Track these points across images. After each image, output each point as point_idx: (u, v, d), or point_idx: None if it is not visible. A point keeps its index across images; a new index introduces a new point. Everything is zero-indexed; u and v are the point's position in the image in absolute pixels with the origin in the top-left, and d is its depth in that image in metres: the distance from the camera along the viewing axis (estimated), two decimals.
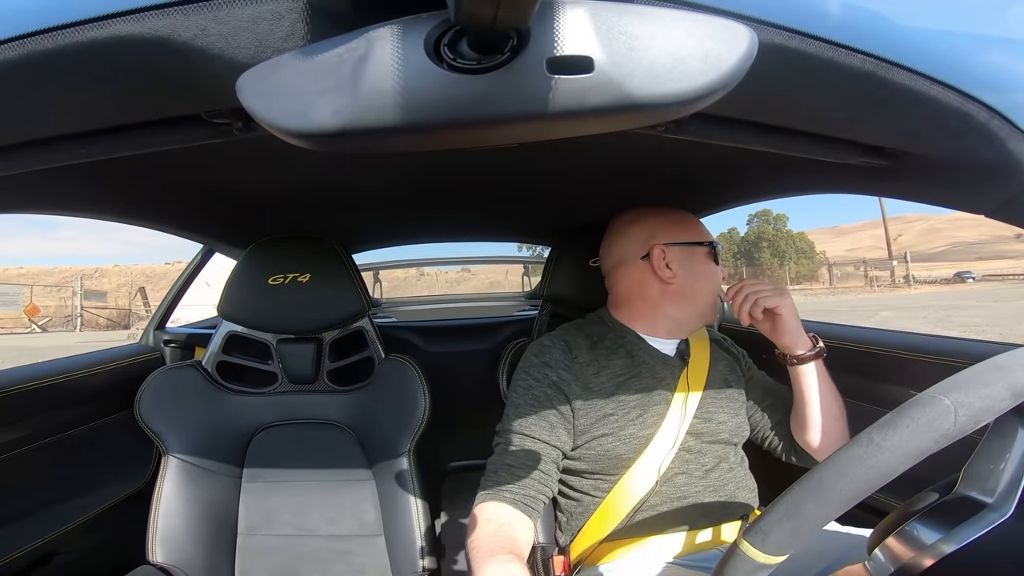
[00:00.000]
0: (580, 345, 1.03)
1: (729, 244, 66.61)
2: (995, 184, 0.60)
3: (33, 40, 0.39)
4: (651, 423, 0.96)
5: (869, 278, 36.08)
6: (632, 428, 0.95)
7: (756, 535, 0.43)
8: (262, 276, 1.21)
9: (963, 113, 0.49)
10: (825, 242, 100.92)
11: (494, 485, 0.91)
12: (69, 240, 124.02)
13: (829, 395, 0.96)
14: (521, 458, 0.94)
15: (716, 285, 1.06)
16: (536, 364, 1.01)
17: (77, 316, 21.86)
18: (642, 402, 0.97)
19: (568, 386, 0.98)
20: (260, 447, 1.26)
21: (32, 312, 21.44)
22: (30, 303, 22.15)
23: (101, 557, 1.25)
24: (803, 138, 0.63)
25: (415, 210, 1.39)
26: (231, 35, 0.39)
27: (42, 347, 2.18)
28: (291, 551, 1.19)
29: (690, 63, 0.33)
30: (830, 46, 0.43)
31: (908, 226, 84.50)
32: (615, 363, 1.01)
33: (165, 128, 0.54)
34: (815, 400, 0.95)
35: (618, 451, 0.95)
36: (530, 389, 0.99)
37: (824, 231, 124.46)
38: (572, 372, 1.00)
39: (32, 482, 1.16)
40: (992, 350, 0.98)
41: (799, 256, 56.31)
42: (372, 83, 0.32)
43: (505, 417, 1.00)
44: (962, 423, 0.39)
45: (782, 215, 63.43)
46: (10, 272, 42.08)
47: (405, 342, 1.95)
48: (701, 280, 1.04)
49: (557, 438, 0.95)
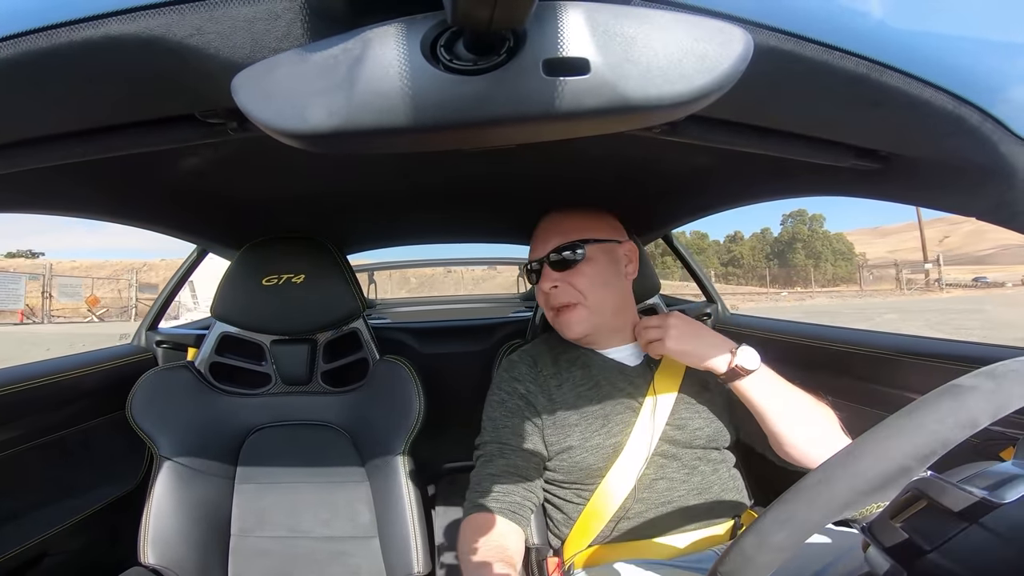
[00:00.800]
0: (545, 359, 1.07)
1: (762, 245, 66.62)
2: (988, 187, 0.60)
3: (28, 39, 0.39)
4: (617, 432, 0.96)
5: (900, 281, 35.86)
6: (598, 438, 0.96)
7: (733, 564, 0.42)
8: (256, 277, 1.20)
9: (956, 116, 0.49)
10: (866, 243, 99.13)
11: (479, 496, 0.94)
12: (116, 235, 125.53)
13: (783, 406, 0.89)
14: (502, 467, 0.96)
15: (542, 303, 1.07)
16: (506, 379, 1.06)
17: (132, 307, 23.09)
18: (605, 411, 0.98)
19: (535, 398, 1.01)
20: (253, 448, 1.25)
21: (93, 303, 22.82)
22: (91, 294, 23.71)
23: (92, 558, 1.24)
24: (797, 140, 0.64)
25: (410, 211, 1.39)
26: (227, 35, 0.39)
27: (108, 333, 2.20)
28: (285, 553, 1.19)
29: (685, 65, 0.33)
30: (824, 49, 0.43)
31: (955, 227, 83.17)
32: (574, 374, 1.03)
33: (160, 128, 0.54)
34: (766, 415, 0.89)
35: (587, 461, 0.96)
36: (503, 403, 1.03)
37: (865, 232, 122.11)
38: (538, 384, 1.03)
39: (23, 483, 1.15)
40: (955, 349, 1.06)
41: (836, 257, 56.17)
42: (368, 84, 0.32)
43: (483, 430, 1.03)
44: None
45: (818, 215, 63.28)
46: (64, 265, 43.16)
47: (399, 343, 1.95)
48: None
49: (534, 445, 0.98)
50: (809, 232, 60.71)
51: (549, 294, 1.02)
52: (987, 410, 0.38)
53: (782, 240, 63.87)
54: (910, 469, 0.39)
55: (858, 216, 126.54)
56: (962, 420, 0.38)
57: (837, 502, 0.39)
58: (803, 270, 51.01)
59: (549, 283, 1.02)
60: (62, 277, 25.28)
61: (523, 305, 2.93)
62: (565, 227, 1.04)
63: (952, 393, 0.40)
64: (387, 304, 3.45)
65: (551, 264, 1.02)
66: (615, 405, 0.99)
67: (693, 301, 2.03)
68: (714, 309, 1.92)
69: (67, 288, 23.59)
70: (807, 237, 59.97)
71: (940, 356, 1.07)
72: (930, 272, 37.83)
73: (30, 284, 20.84)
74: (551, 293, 1.02)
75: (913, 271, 40.78)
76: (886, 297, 27.96)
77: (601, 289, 1.01)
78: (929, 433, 0.39)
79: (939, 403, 0.40)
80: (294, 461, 1.24)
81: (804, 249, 58.99)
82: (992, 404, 0.38)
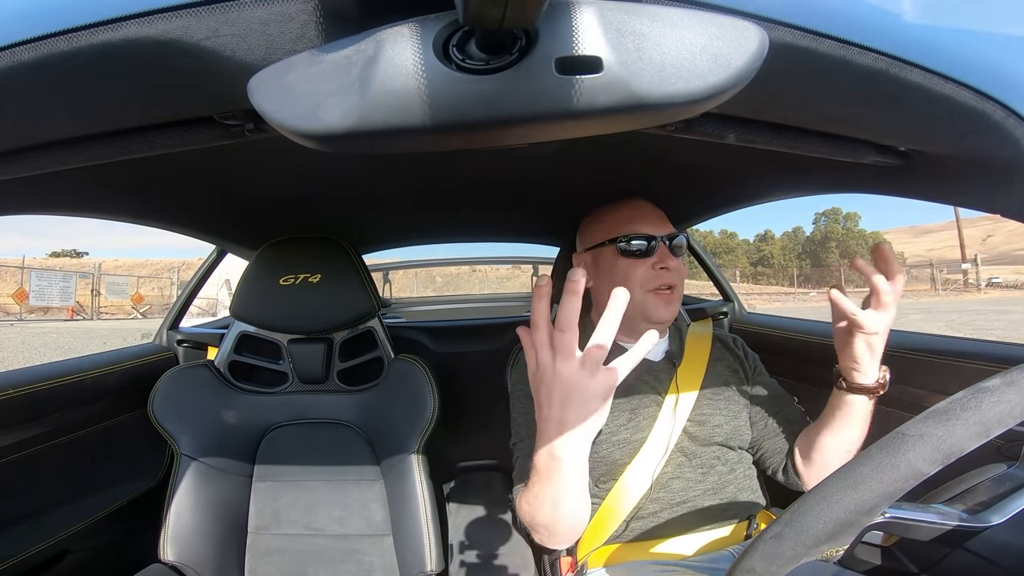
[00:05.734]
0: None
1: (793, 244, 65.59)
2: (1012, 183, 0.59)
3: (48, 43, 0.39)
4: (644, 426, 0.96)
5: (935, 281, 34.82)
6: (625, 432, 0.95)
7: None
8: (273, 276, 1.22)
9: (978, 111, 0.48)
10: (904, 242, 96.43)
11: (520, 483, 0.89)
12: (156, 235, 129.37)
13: (860, 433, 0.88)
14: None
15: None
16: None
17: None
18: (632, 405, 0.97)
19: None
20: (271, 446, 1.26)
21: (137, 300, 23.64)
22: (136, 292, 24.66)
23: (113, 555, 1.26)
24: (815, 137, 0.63)
25: (424, 211, 1.40)
26: (242, 37, 0.39)
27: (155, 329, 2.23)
28: (300, 550, 1.20)
29: (699, 63, 0.33)
30: (842, 45, 0.42)
31: (999, 225, 79.81)
32: None
33: (178, 130, 0.55)
34: (846, 434, 0.87)
35: (613, 456, 0.95)
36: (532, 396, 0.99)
37: (903, 230, 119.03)
38: None
39: (46, 480, 1.17)
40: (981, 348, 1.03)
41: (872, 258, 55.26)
42: (381, 84, 0.32)
43: (517, 428, 0.99)
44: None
45: (853, 213, 61.85)
46: (107, 264, 44.67)
47: (414, 342, 1.96)
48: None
49: None
50: (843, 231, 59.43)
51: (659, 274, 0.98)
52: (931, 459, 0.37)
53: (814, 239, 62.67)
54: (857, 523, 0.38)
55: (896, 214, 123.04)
56: (903, 474, 0.37)
57: (787, 556, 0.38)
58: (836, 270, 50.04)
59: (670, 263, 0.99)
60: (110, 275, 26.08)
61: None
62: (665, 219, 1.04)
63: (893, 445, 0.39)
64: (401, 303, 3.47)
65: (669, 248, 1.00)
66: (641, 399, 0.98)
67: (710, 300, 2.01)
68: (731, 308, 1.90)
69: (114, 286, 24.41)
70: (841, 236, 58.70)
71: (960, 355, 1.05)
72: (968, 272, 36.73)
73: (79, 282, 21.59)
74: (663, 273, 0.98)
75: (951, 271, 39.63)
76: (919, 298, 27.12)
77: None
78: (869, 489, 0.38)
79: (880, 456, 0.39)
80: (310, 459, 1.25)
81: (838, 248, 57.80)
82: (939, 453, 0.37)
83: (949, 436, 0.37)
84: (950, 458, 0.37)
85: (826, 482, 0.40)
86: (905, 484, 0.37)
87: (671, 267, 0.99)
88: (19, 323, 16.98)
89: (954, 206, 0.75)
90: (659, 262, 0.99)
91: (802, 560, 0.38)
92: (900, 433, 0.39)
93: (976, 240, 75.94)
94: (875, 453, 0.39)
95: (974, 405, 0.37)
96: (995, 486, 0.46)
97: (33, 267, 22.08)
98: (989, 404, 0.37)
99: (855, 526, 0.38)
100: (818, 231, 63.08)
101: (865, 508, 0.37)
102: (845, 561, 0.44)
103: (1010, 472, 0.47)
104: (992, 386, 0.38)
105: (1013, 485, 0.45)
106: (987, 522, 0.40)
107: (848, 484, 0.38)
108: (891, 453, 0.38)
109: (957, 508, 0.43)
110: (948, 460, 0.37)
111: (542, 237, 1.91)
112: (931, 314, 15.90)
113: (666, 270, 0.98)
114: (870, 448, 0.40)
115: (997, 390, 0.37)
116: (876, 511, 0.38)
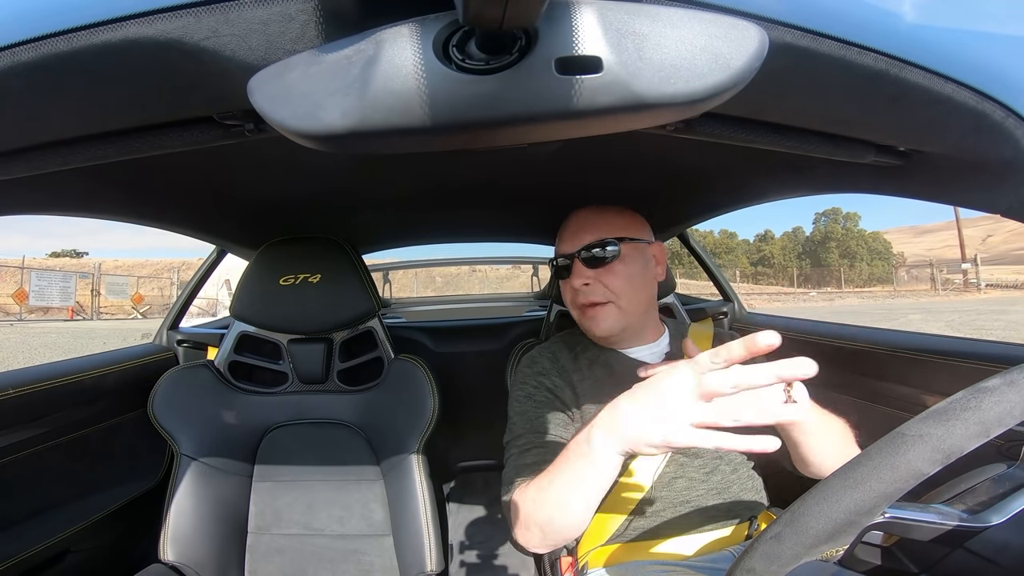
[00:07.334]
0: (565, 357, 1.06)
1: (793, 244, 65.49)
2: (1012, 183, 0.59)
3: (47, 43, 0.39)
4: None
5: (935, 281, 34.64)
6: None
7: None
8: (273, 277, 1.22)
9: (978, 112, 0.48)
10: (904, 242, 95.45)
11: (517, 477, 0.88)
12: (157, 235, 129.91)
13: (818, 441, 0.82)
14: (540, 455, 0.92)
15: (568, 302, 1.06)
16: (530, 374, 1.04)
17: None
18: None
19: (562, 392, 1.00)
20: (271, 446, 1.26)
21: (137, 300, 23.61)
22: (136, 292, 24.63)
23: (113, 555, 1.26)
24: (815, 137, 0.63)
25: (425, 211, 1.40)
26: (242, 37, 0.39)
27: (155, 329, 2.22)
28: (300, 550, 1.20)
29: (699, 63, 0.33)
30: (842, 45, 0.42)
31: (999, 225, 79.03)
32: (597, 373, 1.02)
33: (179, 129, 0.55)
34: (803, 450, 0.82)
35: None
36: (531, 396, 1.00)
37: (904, 230, 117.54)
38: (562, 378, 1.02)
39: (46, 480, 1.17)
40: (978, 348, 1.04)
41: (872, 257, 54.61)
42: (381, 84, 0.32)
43: (513, 425, 0.99)
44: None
45: (853, 213, 61.42)
46: (107, 264, 44.73)
47: (414, 342, 1.96)
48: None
49: (568, 433, 0.95)
50: (843, 231, 59.21)
51: (579, 291, 1.00)
52: (931, 459, 0.37)
53: (814, 239, 62.39)
54: (857, 523, 0.38)
55: (897, 214, 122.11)
56: (903, 474, 0.37)
57: (787, 556, 0.38)
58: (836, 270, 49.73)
59: (581, 280, 0.99)
60: (110, 276, 26.06)
61: (536, 304, 2.92)
62: (597, 224, 1.02)
63: (893, 445, 0.39)
64: (401, 303, 3.47)
65: (583, 261, 1.00)
66: None
67: (710, 300, 2.01)
68: (731, 308, 1.90)
69: (115, 286, 24.41)
70: (841, 236, 58.45)
71: (960, 355, 1.05)
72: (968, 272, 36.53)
73: (79, 282, 21.58)
74: (581, 290, 1.00)
75: (951, 271, 39.39)
76: (919, 298, 26.98)
77: (632, 289, 0.99)
78: (869, 489, 0.38)
79: (880, 456, 0.39)
80: (310, 459, 1.25)
81: (838, 248, 57.61)
82: (939, 453, 0.37)
83: (949, 436, 0.37)
84: (950, 458, 0.37)
85: (826, 482, 0.40)
86: (905, 484, 0.37)
87: (584, 285, 0.99)
88: (19, 323, 16.96)
89: (954, 206, 0.74)
90: (574, 279, 1.01)
91: (802, 560, 0.38)
92: (900, 433, 0.39)
93: (976, 240, 75.63)
94: (875, 453, 0.39)
95: (974, 405, 0.37)
96: (995, 486, 0.46)
97: (33, 267, 22.04)
98: (989, 404, 0.37)
99: (855, 526, 0.38)
100: (818, 231, 62.96)
101: (865, 508, 0.37)
102: (845, 561, 0.44)
103: (1010, 472, 0.48)
104: (992, 386, 0.38)
105: (1013, 485, 0.45)
106: (987, 522, 0.40)
107: (848, 484, 0.38)
108: (891, 453, 0.38)
109: (957, 508, 0.43)
110: (948, 460, 0.37)
111: (542, 237, 1.91)
112: (931, 314, 15.91)
113: (582, 288, 1.00)
114: (870, 448, 0.40)
115: (997, 390, 0.37)
116: (876, 511, 0.38)
